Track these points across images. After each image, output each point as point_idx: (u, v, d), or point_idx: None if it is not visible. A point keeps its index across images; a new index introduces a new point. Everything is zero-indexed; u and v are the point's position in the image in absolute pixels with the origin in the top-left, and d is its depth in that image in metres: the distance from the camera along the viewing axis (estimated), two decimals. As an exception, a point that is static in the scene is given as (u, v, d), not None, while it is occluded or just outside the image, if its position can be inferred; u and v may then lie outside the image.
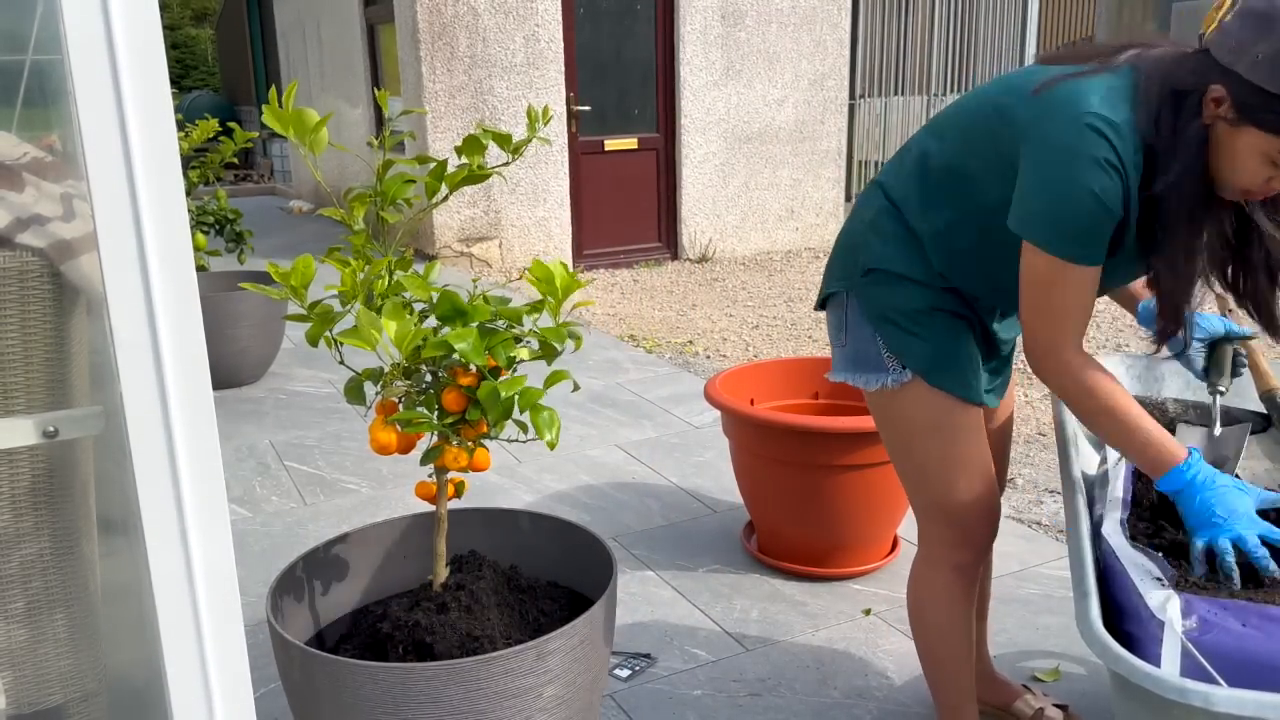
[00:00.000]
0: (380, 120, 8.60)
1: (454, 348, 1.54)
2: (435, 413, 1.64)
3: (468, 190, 7.04)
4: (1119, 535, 1.50)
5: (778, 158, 8.08)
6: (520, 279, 6.78)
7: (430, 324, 2.35)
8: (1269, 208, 1.48)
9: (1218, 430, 1.70)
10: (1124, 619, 1.41)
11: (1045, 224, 1.42)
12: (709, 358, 5.01)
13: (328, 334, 1.63)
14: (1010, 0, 8.98)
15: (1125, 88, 1.40)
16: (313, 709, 1.59)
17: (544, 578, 1.99)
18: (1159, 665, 1.30)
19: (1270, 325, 1.53)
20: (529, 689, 1.55)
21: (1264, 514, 1.52)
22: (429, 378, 1.67)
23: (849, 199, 8.67)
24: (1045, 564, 2.75)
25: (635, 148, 7.59)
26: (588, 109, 7.36)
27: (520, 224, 7.28)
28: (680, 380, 4.57)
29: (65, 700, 1.29)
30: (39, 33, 0.91)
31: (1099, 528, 1.56)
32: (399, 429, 1.63)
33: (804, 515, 2.60)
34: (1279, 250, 1.49)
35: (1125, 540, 1.48)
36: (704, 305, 6.23)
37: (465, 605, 1.70)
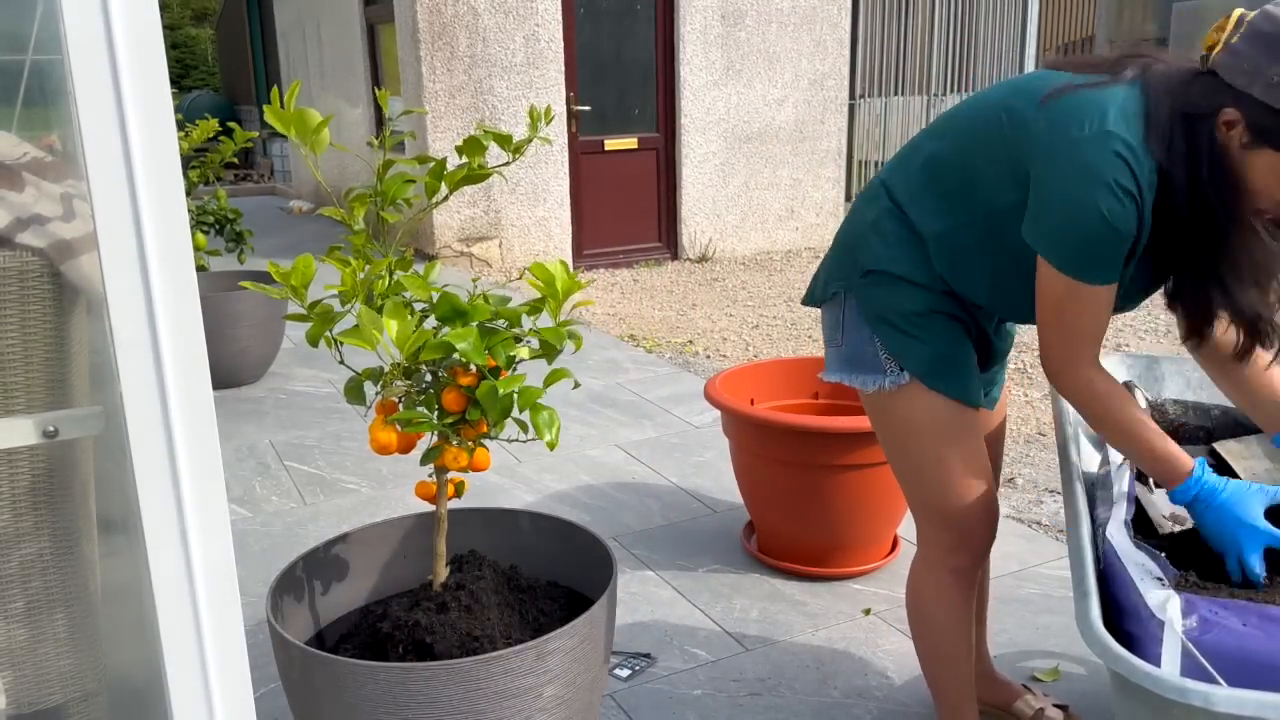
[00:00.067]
0: (380, 120, 8.60)
1: (454, 348, 1.54)
2: (435, 413, 1.64)
3: (468, 190, 7.04)
4: (1122, 534, 1.50)
5: (778, 158, 8.08)
6: (520, 279, 6.78)
7: (430, 324, 2.35)
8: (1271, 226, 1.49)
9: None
10: (1124, 618, 1.41)
11: (1058, 242, 1.42)
12: (709, 358, 5.01)
13: (328, 334, 1.63)
14: (1010, 0, 8.99)
15: (1136, 106, 1.38)
16: (313, 709, 1.59)
17: (544, 578, 1.99)
18: (1159, 665, 1.30)
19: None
20: (529, 689, 1.55)
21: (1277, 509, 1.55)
22: (429, 378, 1.67)
23: (849, 199, 8.67)
24: (1045, 564, 2.75)
25: (635, 148, 7.59)
26: (588, 109, 7.36)
27: (520, 224, 7.28)
28: (680, 380, 4.57)
29: (65, 700, 1.29)
30: (39, 33, 0.91)
31: (1103, 527, 1.56)
32: (399, 429, 1.63)
33: (804, 515, 2.60)
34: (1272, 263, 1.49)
35: (1129, 539, 1.48)
36: (704, 305, 6.23)
37: (465, 605, 1.70)
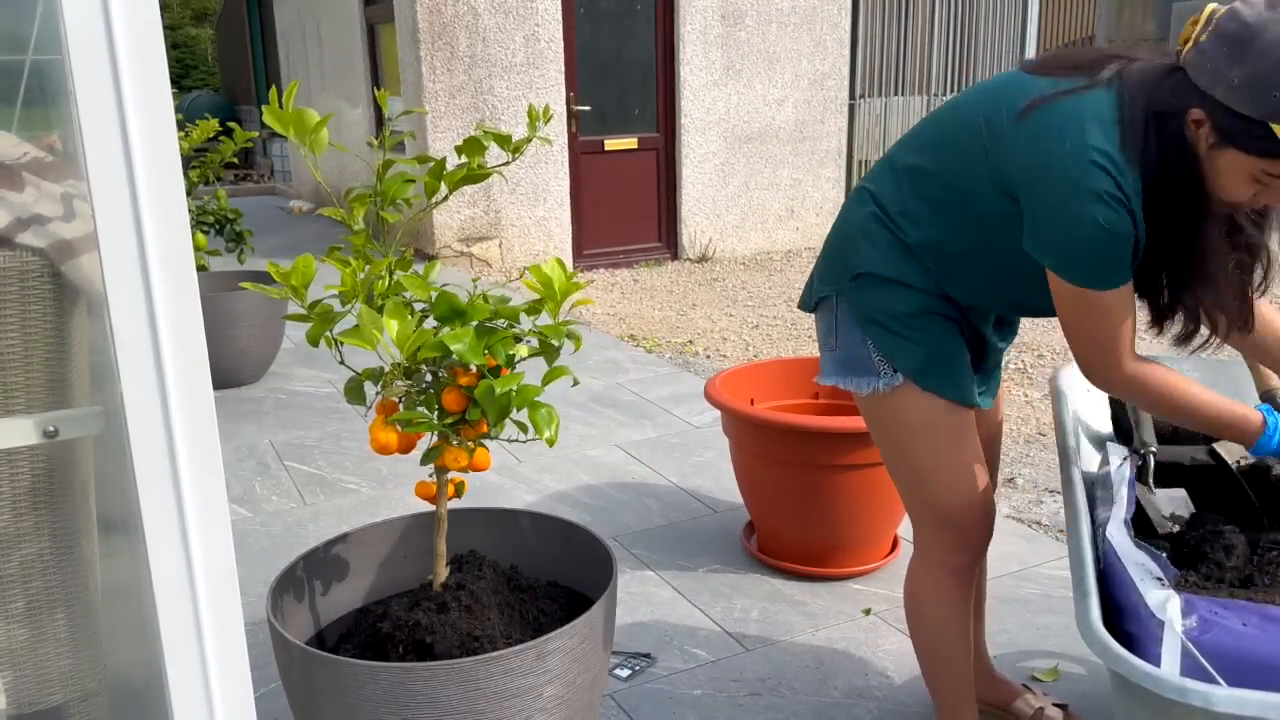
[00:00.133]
0: (380, 120, 8.61)
1: (451, 348, 1.54)
2: (435, 413, 1.64)
3: (468, 190, 7.04)
4: (1122, 534, 1.50)
5: (778, 157, 8.08)
6: (520, 279, 6.78)
7: (430, 324, 2.35)
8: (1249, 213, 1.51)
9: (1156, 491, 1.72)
10: (1124, 618, 1.41)
11: (1064, 258, 1.43)
12: (709, 358, 5.01)
13: (328, 334, 1.63)
14: (1010, 0, 8.98)
15: (1111, 110, 1.39)
16: (313, 709, 1.59)
17: (544, 578, 1.99)
18: (1159, 665, 1.30)
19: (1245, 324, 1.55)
20: (529, 689, 1.55)
21: None
22: (429, 378, 1.67)
23: (849, 199, 8.65)
24: (1045, 564, 2.75)
25: (635, 148, 7.59)
26: (588, 109, 7.36)
27: (520, 224, 7.28)
28: (680, 380, 4.57)
29: (65, 700, 1.29)
30: (39, 33, 0.91)
31: (1103, 527, 1.56)
32: (399, 429, 1.63)
33: (804, 515, 2.60)
34: (1257, 251, 1.52)
35: (1129, 539, 1.48)
36: (704, 305, 6.23)
37: (465, 605, 1.70)
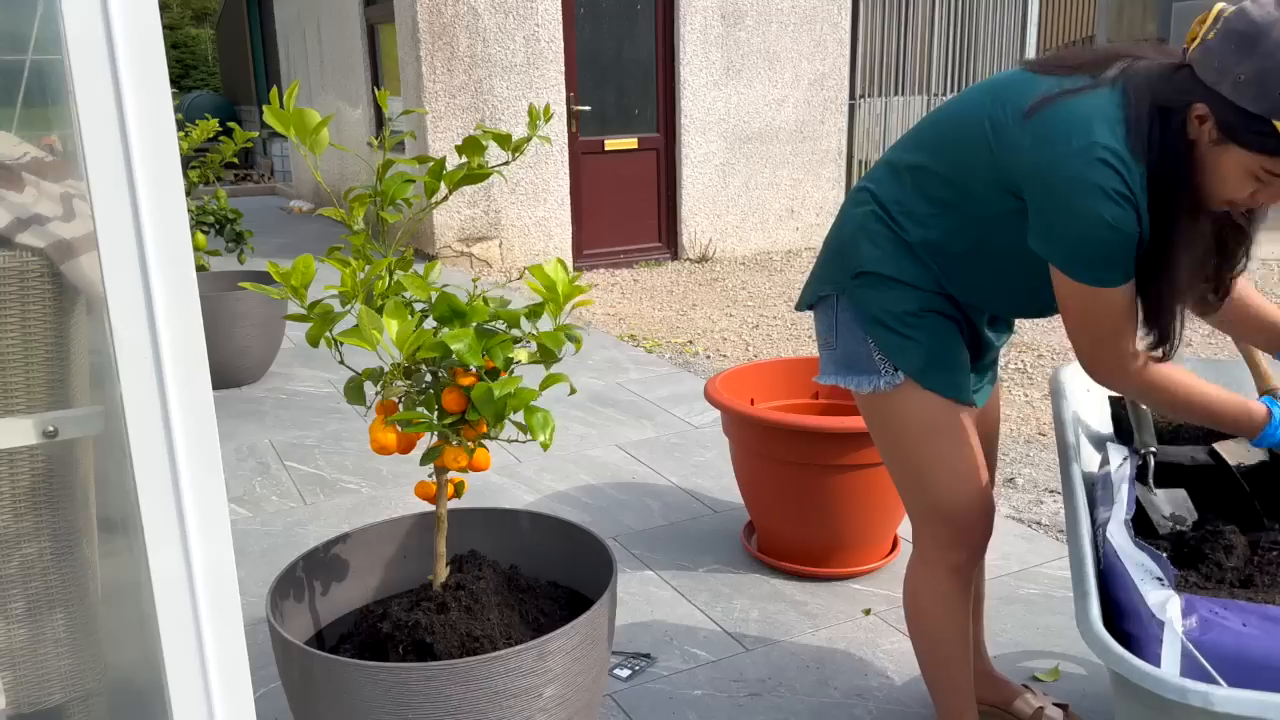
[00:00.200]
0: (380, 120, 8.61)
1: (451, 348, 1.54)
2: (435, 413, 1.64)
3: (468, 190, 7.04)
4: (1123, 534, 1.50)
5: (778, 158, 8.08)
6: (520, 279, 6.77)
7: (430, 324, 2.35)
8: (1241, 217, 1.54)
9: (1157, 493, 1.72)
10: (1124, 619, 1.41)
11: (1072, 257, 1.44)
12: (709, 358, 5.01)
13: (328, 334, 1.63)
14: (1010, 0, 8.98)
15: (1117, 108, 1.40)
16: (313, 709, 1.59)
17: (544, 578, 1.99)
18: (1159, 665, 1.30)
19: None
20: (529, 689, 1.55)
21: None
22: (429, 378, 1.67)
23: (849, 199, 8.64)
24: (1045, 564, 2.75)
25: (635, 148, 7.59)
26: (588, 109, 7.36)
27: (520, 224, 7.28)
28: (680, 380, 4.57)
29: (65, 700, 1.29)
30: (39, 33, 0.91)
31: (1103, 527, 1.56)
32: (399, 429, 1.63)
33: (804, 515, 2.60)
34: (1246, 244, 1.55)
35: (1129, 539, 1.48)
36: (704, 305, 6.23)
37: (465, 605, 1.70)
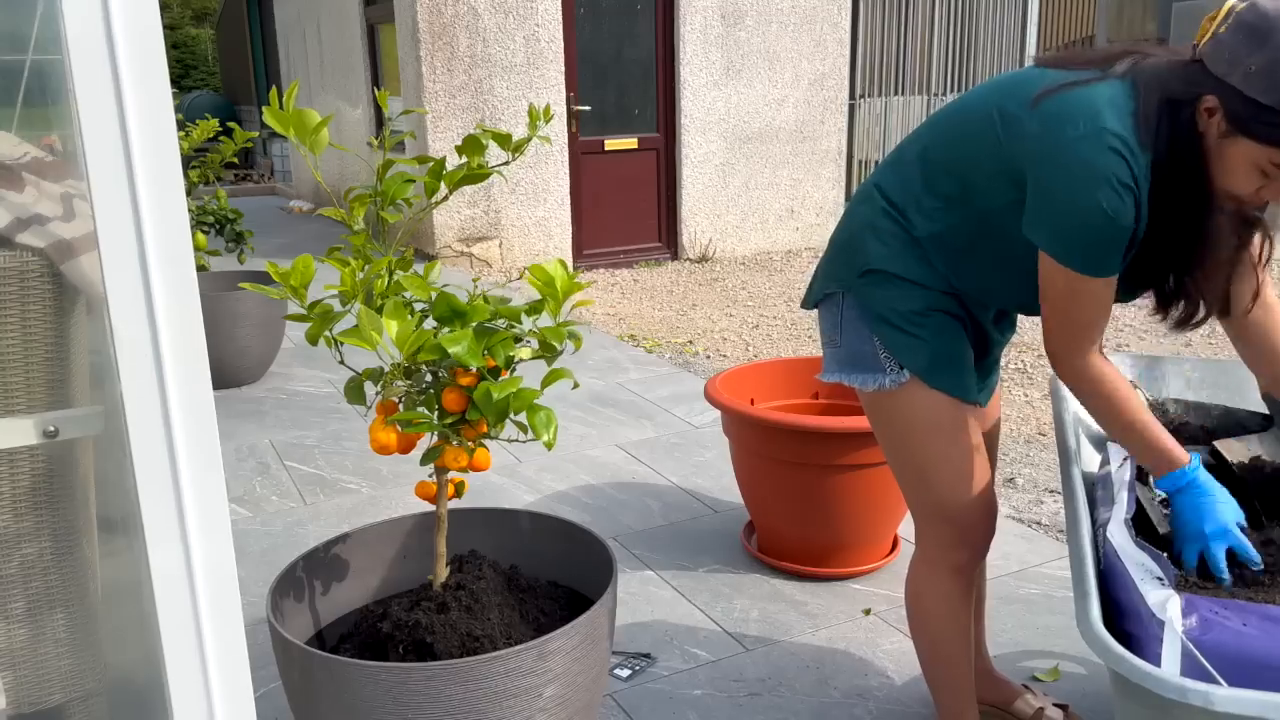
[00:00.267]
0: (380, 120, 8.60)
1: (449, 351, 1.53)
2: (435, 413, 1.64)
3: (468, 190, 7.04)
4: (1123, 534, 1.50)
5: (778, 158, 8.08)
6: (520, 279, 6.77)
7: (430, 324, 2.35)
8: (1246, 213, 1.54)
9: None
10: (1124, 618, 1.41)
11: (1062, 240, 1.44)
12: (709, 358, 5.01)
13: (328, 334, 1.63)
14: (1010, 0, 8.98)
15: (1126, 100, 1.41)
16: (313, 709, 1.59)
17: (544, 578, 1.99)
18: (1159, 665, 1.30)
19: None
20: (529, 689, 1.55)
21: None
22: (429, 378, 1.67)
23: (849, 199, 8.65)
24: (1045, 564, 2.75)
25: (635, 147, 7.59)
26: (588, 109, 7.36)
27: (520, 224, 7.28)
28: (680, 380, 4.56)
29: (65, 700, 1.29)
30: (39, 33, 0.91)
31: (1103, 527, 1.56)
32: (399, 429, 1.63)
33: (804, 515, 2.60)
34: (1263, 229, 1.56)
35: (1129, 539, 1.48)
36: (704, 305, 6.23)
37: (465, 605, 1.70)
